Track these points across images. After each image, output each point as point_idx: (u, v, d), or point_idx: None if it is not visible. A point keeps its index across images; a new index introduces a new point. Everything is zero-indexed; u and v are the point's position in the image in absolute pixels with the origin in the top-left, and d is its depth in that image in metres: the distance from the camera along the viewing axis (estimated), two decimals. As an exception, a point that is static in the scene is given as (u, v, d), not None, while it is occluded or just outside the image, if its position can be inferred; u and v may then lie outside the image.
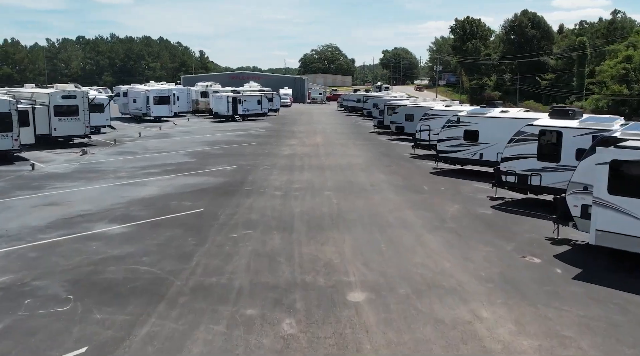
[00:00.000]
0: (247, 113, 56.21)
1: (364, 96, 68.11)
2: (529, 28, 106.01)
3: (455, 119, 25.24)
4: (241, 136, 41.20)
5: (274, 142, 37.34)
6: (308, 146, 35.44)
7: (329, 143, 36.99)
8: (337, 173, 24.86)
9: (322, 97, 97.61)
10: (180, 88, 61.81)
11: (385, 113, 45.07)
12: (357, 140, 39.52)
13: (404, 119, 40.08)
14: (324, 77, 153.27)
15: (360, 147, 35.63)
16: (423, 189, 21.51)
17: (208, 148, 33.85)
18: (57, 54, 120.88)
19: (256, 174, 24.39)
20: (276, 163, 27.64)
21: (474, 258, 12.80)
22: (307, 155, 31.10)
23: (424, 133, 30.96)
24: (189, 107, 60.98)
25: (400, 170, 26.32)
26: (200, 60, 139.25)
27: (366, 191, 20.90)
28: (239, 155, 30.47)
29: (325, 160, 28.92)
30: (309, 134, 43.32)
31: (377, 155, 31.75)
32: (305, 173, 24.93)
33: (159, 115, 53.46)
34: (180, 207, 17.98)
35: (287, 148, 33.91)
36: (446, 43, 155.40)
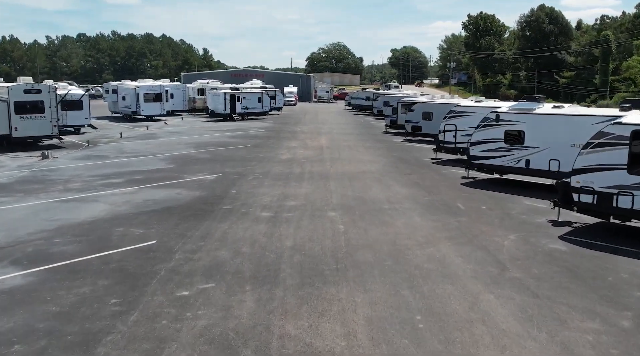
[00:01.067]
0: (246, 111, 51.02)
1: (373, 94, 62.72)
2: (546, 23, 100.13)
3: (494, 117, 19.87)
4: (236, 137, 35.98)
5: (272, 144, 32.09)
6: (311, 149, 30.16)
7: (335, 146, 31.69)
8: (344, 185, 19.56)
9: (329, 95, 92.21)
10: (175, 84, 56.74)
11: (398, 111, 39.71)
12: (367, 142, 34.20)
13: (422, 118, 34.71)
14: (332, 76, 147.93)
15: (371, 150, 30.31)
16: (458, 208, 16.16)
17: (194, 151, 28.66)
18: (56, 51, 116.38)
19: (242, 186, 19.14)
20: (270, 171, 22.39)
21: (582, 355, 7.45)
22: (308, 160, 25.84)
23: (448, 134, 25.63)
24: (184, 105, 55.80)
25: (423, 180, 20.98)
26: (204, 58, 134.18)
27: (383, 212, 15.59)
28: (228, 160, 25.25)
29: (330, 167, 23.63)
30: (313, 135, 38.03)
31: (392, 160, 26.42)
32: (305, 184, 19.66)
33: (149, 113, 48.39)
34: (126, 237, 12.75)
35: (286, 152, 28.64)
36: (457, 41, 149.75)
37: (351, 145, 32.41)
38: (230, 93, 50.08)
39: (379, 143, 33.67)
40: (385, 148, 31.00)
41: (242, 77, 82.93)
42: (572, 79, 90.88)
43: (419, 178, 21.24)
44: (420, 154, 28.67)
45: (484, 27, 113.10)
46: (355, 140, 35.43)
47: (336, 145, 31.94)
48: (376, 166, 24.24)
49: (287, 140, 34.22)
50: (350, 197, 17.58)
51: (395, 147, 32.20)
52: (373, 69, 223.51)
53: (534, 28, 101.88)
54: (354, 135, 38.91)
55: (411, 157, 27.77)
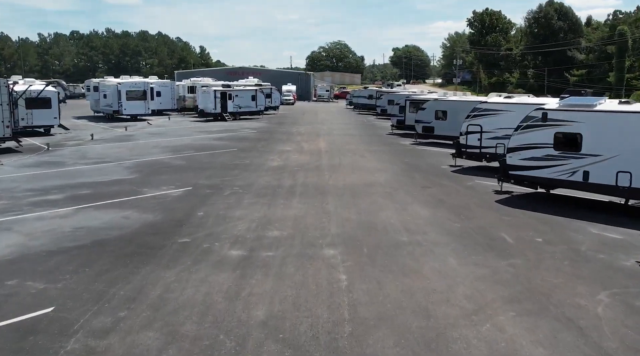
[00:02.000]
0: (238, 111, 46.43)
1: (377, 92, 58.09)
2: (555, 20, 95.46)
3: (539, 116, 15.28)
4: (223, 139, 31.40)
5: (263, 148, 27.50)
6: (307, 154, 25.59)
7: (336, 150, 27.10)
8: (346, 204, 14.98)
9: (329, 94, 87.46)
10: (163, 82, 52.17)
11: (406, 110, 35.09)
12: (372, 145, 29.59)
13: (434, 118, 30.10)
14: (332, 75, 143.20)
15: (377, 155, 25.72)
16: (504, 241, 11.58)
17: (169, 156, 24.11)
18: (48, 49, 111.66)
19: (214, 205, 14.57)
20: (254, 183, 17.82)
21: None
22: (303, 168, 21.28)
23: (472, 136, 21.05)
24: (173, 104, 51.27)
25: (447, 195, 16.39)
26: (201, 56, 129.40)
27: (402, 247, 11.01)
28: (205, 168, 20.69)
29: (329, 178, 19.05)
30: (311, 137, 33.44)
31: (403, 168, 21.84)
32: (295, 203, 15.08)
33: (132, 113, 43.84)
34: (10, 299, 8.19)
35: (277, 158, 24.07)
36: (461, 39, 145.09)
37: (353, 148, 27.82)
38: (220, 91, 45.50)
39: (386, 147, 29.06)
40: (394, 153, 26.40)
41: (238, 75, 78.39)
42: (583, 76, 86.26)
43: (440, 193, 16.65)
44: (436, 160, 24.09)
45: (490, 24, 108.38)
46: (358, 142, 30.83)
47: (336, 149, 27.35)
48: (385, 176, 19.66)
49: (281, 143, 29.63)
50: (355, 222, 13.00)
51: (405, 151, 27.59)
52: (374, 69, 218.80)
53: (542, 24, 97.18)
54: (357, 136, 34.31)
55: (425, 163, 23.18)
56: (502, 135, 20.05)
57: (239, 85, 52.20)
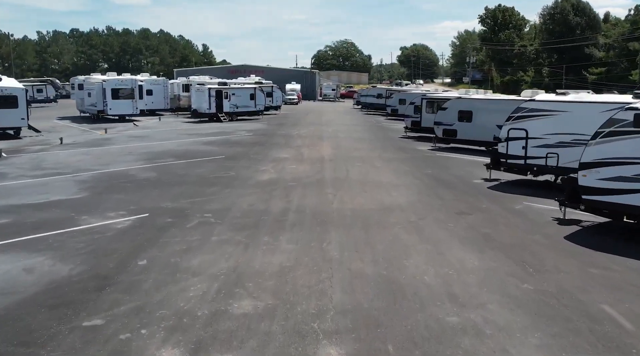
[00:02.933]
0: (235, 111, 41.99)
1: (387, 90, 53.48)
2: (571, 16, 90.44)
3: (630, 120, 10.72)
4: (212, 143, 26.98)
5: (255, 155, 23.05)
6: (307, 163, 21.08)
7: (342, 158, 22.60)
8: (356, 243, 10.46)
9: (336, 93, 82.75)
10: (155, 79, 47.82)
11: (423, 110, 30.50)
12: (384, 151, 25.04)
13: (457, 119, 25.56)
14: (339, 75, 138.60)
15: (392, 164, 21.19)
16: (615, 325, 7.04)
17: (140, 165, 19.71)
18: (46, 47, 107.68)
19: (167, 245, 10.09)
20: (232, 207, 13.35)
21: None
22: (300, 182, 16.79)
23: (515, 144, 16.48)
24: (166, 104, 46.99)
25: (493, 226, 11.83)
26: (203, 55, 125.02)
27: (454, 343, 6.51)
28: (176, 184, 16.25)
29: (333, 199, 14.54)
30: (313, 141, 28.94)
31: (426, 182, 17.28)
32: (284, 241, 10.56)
33: (118, 113, 39.52)
34: None
35: (270, 168, 19.58)
36: (471, 37, 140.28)
37: (363, 155, 23.29)
38: (216, 89, 41.09)
39: (401, 153, 24.51)
40: (411, 162, 21.85)
41: (240, 73, 73.88)
42: (603, 74, 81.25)
43: (484, 223, 12.11)
44: (464, 171, 19.53)
45: (503, 21, 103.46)
46: (368, 148, 26.29)
47: (343, 157, 22.85)
48: (405, 195, 15.13)
49: (277, 149, 25.14)
50: (370, 280, 8.49)
51: (424, 158, 23.02)
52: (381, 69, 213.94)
53: (558, 21, 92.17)
54: (366, 140, 29.76)
55: (452, 176, 18.61)
56: (555, 143, 15.56)
57: (236, 83, 47.82)
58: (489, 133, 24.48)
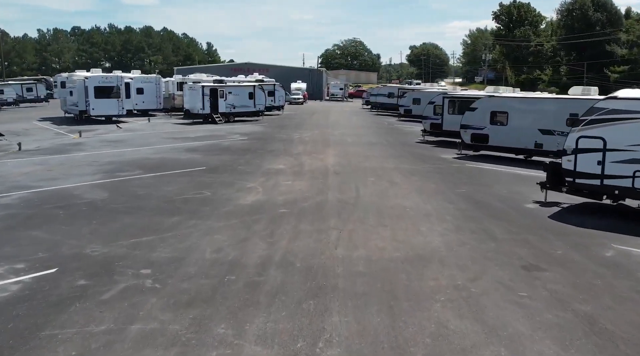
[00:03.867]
0: (232, 111, 37.61)
1: (399, 89, 48.87)
2: (591, 11, 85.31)
3: None
4: (196, 150, 22.62)
5: (244, 166, 18.64)
6: (306, 177, 16.62)
7: (350, 170, 18.13)
8: (373, 341, 6.02)
9: (343, 92, 78.00)
10: (146, 77, 43.59)
11: (444, 111, 25.96)
12: (402, 161, 20.53)
13: (490, 122, 21.03)
14: (347, 74, 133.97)
15: (414, 179, 16.67)
16: None
17: (94, 181, 15.37)
18: (46, 46, 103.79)
19: (43, 350, 5.74)
20: (188, 255, 8.92)
21: None
22: (294, 208, 12.33)
23: (586, 157, 11.95)
24: (158, 103, 42.71)
25: (594, 298, 7.34)
26: (207, 53, 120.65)
27: None
28: (124, 211, 11.84)
29: (338, 239, 10.01)
30: (317, 147, 24.50)
31: (464, 208, 12.73)
32: (250, 336, 6.13)
33: (102, 113, 35.29)
34: None
35: (258, 185, 15.14)
36: (483, 36, 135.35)
37: (377, 166, 18.80)
38: (210, 87, 36.74)
39: (422, 163, 19.99)
40: (438, 175, 17.33)
41: (244, 71, 69.55)
42: (626, 73, 76.19)
43: (576, 292, 7.61)
44: (508, 191, 14.99)
45: (518, 17, 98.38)
46: (381, 155, 21.80)
47: (352, 168, 18.38)
48: (441, 231, 10.64)
49: (273, 158, 20.71)
50: None
51: (453, 170, 18.47)
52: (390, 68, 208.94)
53: (577, 17, 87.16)
54: (379, 146, 25.26)
55: (495, 197, 14.09)
56: None
57: (234, 81, 43.53)
58: (528, 138, 20.03)
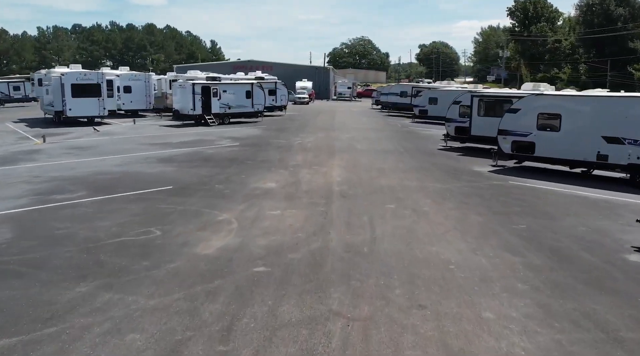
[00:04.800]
0: (227, 111, 33.28)
1: (412, 88, 44.31)
2: (613, 6, 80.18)
3: None
4: (169, 162, 18.27)
5: (222, 185, 14.24)
6: (301, 204, 12.17)
7: (362, 192, 13.67)
8: None
9: (351, 91, 73.33)
10: (134, 74, 39.38)
11: (473, 113, 21.44)
12: (427, 176, 16.03)
13: (537, 126, 16.51)
14: (355, 73, 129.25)
15: (449, 205, 12.19)
16: None
17: (7, 211, 11.09)
18: (46, 44, 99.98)
19: None
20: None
21: None
22: (277, 266, 7.89)
23: None
24: (149, 103, 38.56)
25: None
26: (212, 51, 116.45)
27: None
28: (5, 274, 7.56)
29: (347, 339, 5.70)
30: (320, 156, 20.07)
31: (538, 265, 8.22)
32: None
33: (80, 114, 31.12)
34: None
35: (232, 217, 10.71)
36: (495, 33, 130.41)
37: (396, 185, 14.33)
38: (202, 85, 32.42)
39: (453, 180, 15.49)
40: (479, 200, 12.83)
41: (246, 69, 65.30)
42: (651, 71, 71.18)
43: None
44: (586, 226, 10.46)
45: (534, 13, 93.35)
46: (400, 169, 17.33)
47: (363, 188, 13.93)
48: (515, 319, 6.21)
49: (263, 172, 16.30)
50: None
51: (496, 192, 13.94)
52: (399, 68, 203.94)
53: (597, 12, 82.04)
54: (395, 155, 20.80)
55: (571, 238, 9.59)
56: None
57: (231, 78, 39.24)
58: (588, 148, 15.58)
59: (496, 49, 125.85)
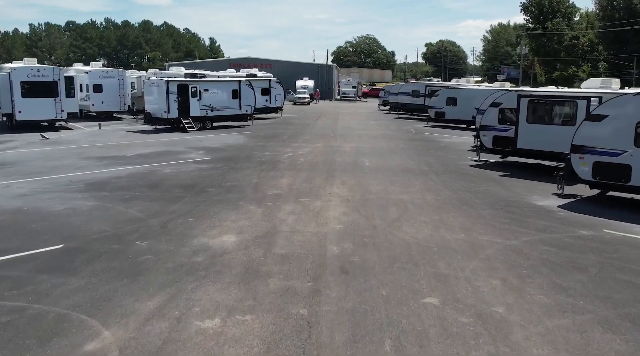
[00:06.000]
0: (209, 114, 27.76)
1: (427, 86, 38.57)
2: (637, 0, 74.15)
3: None
4: (97, 191, 12.76)
5: (146, 244, 8.73)
6: (271, 286, 6.64)
7: (375, 259, 8.11)
8: None
9: (356, 91, 67.47)
10: (105, 71, 33.95)
11: (521, 119, 15.76)
12: (475, 220, 10.43)
13: (635, 142, 10.86)
14: (360, 72, 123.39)
15: (529, 289, 6.64)
16: None
17: None
18: (37, 41, 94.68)
19: None
20: None
21: None
22: None
23: None
24: (122, 104, 33.15)
25: None
26: (210, 49, 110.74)
27: None
28: None
29: None
30: (313, 180, 14.47)
31: None
32: None
33: (31, 117, 25.71)
34: None
35: (112, 345, 5.25)
36: (506, 31, 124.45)
37: (429, 242, 8.76)
38: (178, 82, 26.92)
39: (514, 227, 9.89)
40: (579, 277, 7.25)
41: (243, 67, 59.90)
42: (680, 69, 65.22)
43: None
44: None
45: (550, 9, 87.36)
46: (429, 203, 11.72)
47: (376, 246, 8.37)
48: None
49: (223, 211, 10.74)
50: None
51: (599, 260, 8.35)
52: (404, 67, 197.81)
53: (618, 7, 76.07)
54: (417, 177, 15.19)
55: None
56: None
57: (217, 75, 33.78)
58: None
59: (507, 47, 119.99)
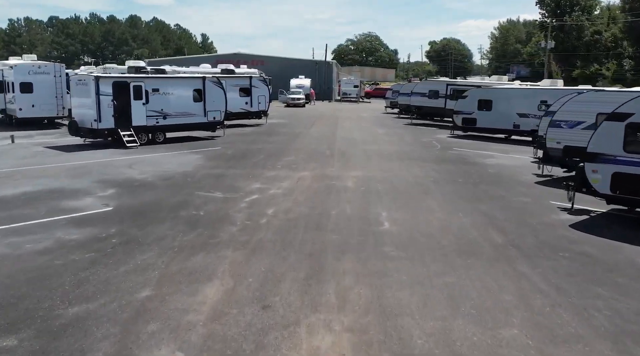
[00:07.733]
0: (160, 123, 20.06)
1: (448, 85, 30.68)
2: (666, -9, 66.29)
3: None
4: None
5: None
6: None
7: None
8: None
9: (358, 91, 59.35)
10: (34, 65, 26.22)
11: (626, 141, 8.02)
12: None
13: None
14: (361, 70, 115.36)
15: None
16: None
17: None
18: (16, 37, 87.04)
19: None
20: None
21: None
22: None
23: None
24: (61, 107, 25.48)
25: None
26: (202, 46, 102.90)
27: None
28: None
29: None
30: (281, 262, 6.77)
31: None
32: None
33: None
34: None
35: None
36: (515, 28, 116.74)
37: None
38: (115, 80, 19.19)
39: None
40: None
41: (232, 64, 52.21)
42: None
43: None
44: None
45: (567, 1, 79.50)
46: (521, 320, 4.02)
47: None
48: None
49: None
50: None
51: None
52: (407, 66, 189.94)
53: (646, -2, 68.08)
54: (488, 269, 7.52)
55: None
56: None
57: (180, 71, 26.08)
58: None
59: (516, 45, 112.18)
